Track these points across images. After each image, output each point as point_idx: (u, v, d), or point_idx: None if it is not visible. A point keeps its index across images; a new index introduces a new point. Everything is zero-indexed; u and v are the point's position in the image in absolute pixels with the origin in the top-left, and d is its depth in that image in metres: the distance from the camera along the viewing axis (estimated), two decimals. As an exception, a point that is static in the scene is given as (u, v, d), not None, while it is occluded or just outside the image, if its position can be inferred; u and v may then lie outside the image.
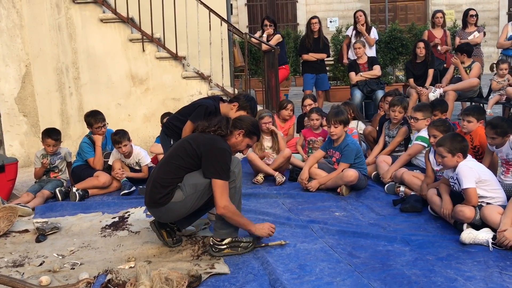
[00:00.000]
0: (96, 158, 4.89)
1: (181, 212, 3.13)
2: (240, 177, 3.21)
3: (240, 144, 3.32)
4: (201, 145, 3.09)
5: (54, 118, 6.17)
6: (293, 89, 13.38)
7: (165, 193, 3.04)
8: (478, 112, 4.35)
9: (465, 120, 4.29)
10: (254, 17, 18.60)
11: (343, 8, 18.71)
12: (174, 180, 3.07)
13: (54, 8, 5.99)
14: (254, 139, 3.38)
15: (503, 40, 6.87)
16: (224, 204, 2.98)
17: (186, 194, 3.05)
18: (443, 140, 3.53)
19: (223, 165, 3.03)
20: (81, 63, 6.13)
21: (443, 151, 3.47)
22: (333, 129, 4.45)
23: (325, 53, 7.76)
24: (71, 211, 4.28)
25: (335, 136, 4.49)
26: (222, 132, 3.20)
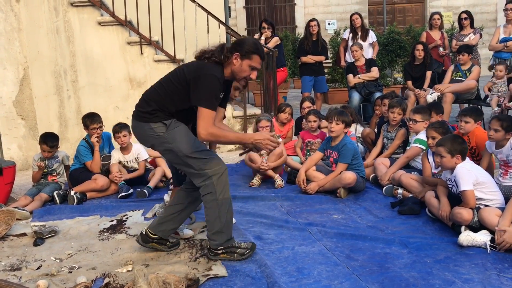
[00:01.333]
0: (94, 161, 4.89)
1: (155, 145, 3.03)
2: (223, 186, 2.96)
3: (241, 69, 2.96)
4: (192, 71, 2.93)
5: (52, 121, 6.16)
6: (292, 91, 13.39)
7: (148, 109, 2.97)
8: (475, 113, 4.37)
9: (462, 121, 4.31)
10: (253, 19, 18.61)
11: (341, 10, 18.73)
12: (159, 99, 2.96)
13: (52, 11, 5.99)
14: (255, 59, 2.96)
15: (495, 43, 6.89)
16: (204, 129, 2.82)
17: (166, 135, 2.94)
18: (444, 141, 3.54)
19: (208, 92, 2.85)
20: (79, 66, 6.13)
21: (442, 151, 3.48)
22: (334, 125, 4.46)
23: (323, 55, 7.77)
24: (69, 214, 4.27)
25: (334, 133, 4.49)
26: (216, 58, 2.95)
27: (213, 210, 2.97)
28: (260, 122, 5.06)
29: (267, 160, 4.91)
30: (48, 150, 4.75)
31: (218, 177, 2.94)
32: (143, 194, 4.62)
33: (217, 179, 2.94)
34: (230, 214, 3.04)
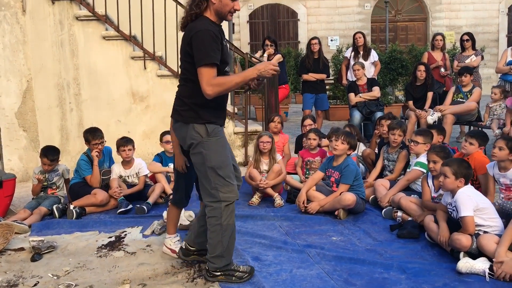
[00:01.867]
0: (93, 175, 4.89)
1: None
2: (229, 213, 2.95)
3: (222, 4, 2.85)
4: (185, 40, 2.87)
5: (53, 133, 6.18)
6: (293, 106, 13.44)
7: (185, 108, 2.94)
8: (482, 138, 4.41)
9: (467, 141, 4.34)
10: (256, 34, 18.76)
11: (344, 27, 18.88)
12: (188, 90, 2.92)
13: (57, 24, 6.04)
14: None
15: (502, 65, 6.92)
16: (207, 85, 2.76)
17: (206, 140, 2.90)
18: (451, 162, 3.57)
19: (201, 49, 2.75)
20: (83, 79, 6.17)
21: (448, 171, 3.48)
22: (339, 144, 4.47)
23: (324, 73, 7.82)
24: (68, 229, 4.27)
25: (337, 151, 4.49)
26: (194, 12, 2.87)
27: (216, 234, 2.96)
28: (261, 137, 5.09)
29: (266, 178, 4.92)
30: (48, 164, 4.77)
31: (226, 204, 2.94)
32: (142, 210, 4.62)
33: (226, 206, 2.93)
34: (233, 240, 3.04)
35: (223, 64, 2.90)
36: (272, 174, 4.88)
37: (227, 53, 2.99)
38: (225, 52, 2.91)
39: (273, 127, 5.82)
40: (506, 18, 19.41)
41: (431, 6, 19.24)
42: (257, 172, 4.94)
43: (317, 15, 18.83)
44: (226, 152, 2.99)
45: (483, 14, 19.28)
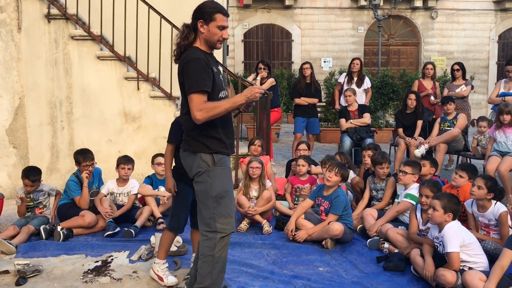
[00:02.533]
0: (82, 197, 4.87)
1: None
2: (223, 246, 2.93)
3: (210, 33, 2.89)
4: (179, 72, 2.93)
5: (44, 151, 6.17)
6: (285, 127, 13.50)
7: (190, 138, 2.97)
8: (472, 171, 4.54)
9: (457, 174, 4.44)
10: (250, 53, 18.91)
11: (337, 49, 19.09)
12: (191, 121, 2.88)
13: (52, 43, 6.08)
14: (219, 17, 2.87)
15: (494, 96, 7.03)
16: (196, 111, 2.79)
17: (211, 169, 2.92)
18: (441, 196, 3.63)
19: (191, 78, 2.81)
20: (75, 98, 6.18)
21: (437, 204, 3.53)
22: (332, 176, 4.50)
23: (316, 97, 7.88)
24: (54, 251, 4.24)
25: (330, 183, 4.52)
26: (184, 43, 2.93)
27: (207, 265, 2.94)
28: (251, 163, 5.11)
29: (255, 205, 4.93)
30: (30, 185, 4.74)
31: (222, 236, 2.92)
32: (130, 234, 4.60)
33: (221, 238, 2.92)
34: (223, 273, 3.02)
35: (215, 92, 2.91)
36: (261, 201, 4.89)
37: (221, 81, 3.00)
38: (217, 81, 2.93)
39: (253, 150, 5.83)
40: (496, 45, 19.75)
41: (424, 32, 19.54)
42: (246, 199, 4.95)
43: (311, 37, 19.03)
44: (230, 183, 3.02)
45: (474, 41, 19.60)
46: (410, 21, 19.65)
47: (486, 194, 3.93)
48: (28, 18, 6.00)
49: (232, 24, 18.15)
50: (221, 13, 2.88)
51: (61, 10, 6.04)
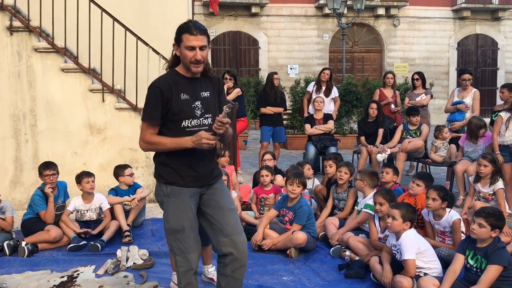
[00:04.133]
0: (47, 211, 4.85)
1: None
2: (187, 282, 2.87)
3: (183, 56, 2.74)
4: None
5: (7, 164, 6.09)
6: (252, 133, 13.65)
7: (155, 165, 2.96)
8: (427, 179, 4.78)
9: (414, 183, 4.67)
10: (218, 60, 19.01)
11: (303, 56, 19.41)
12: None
13: (15, 55, 6.02)
14: (185, 38, 2.69)
15: (449, 105, 7.31)
16: (140, 140, 2.83)
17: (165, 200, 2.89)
18: (400, 206, 3.81)
19: (144, 104, 2.80)
20: (39, 110, 6.13)
21: (397, 213, 3.71)
22: (295, 188, 4.64)
23: (282, 107, 8.06)
24: (19, 268, 4.21)
25: (295, 195, 4.66)
26: (167, 66, 2.95)
27: None
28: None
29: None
30: None
31: (185, 272, 2.86)
32: (96, 248, 4.61)
33: (182, 273, 2.87)
34: None
35: (177, 121, 2.79)
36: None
37: (191, 109, 2.80)
38: (183, 108, 2.78)
39: (223, 161, 5.92)
40: (455, 52, 20.47)
41: (386, 39, 20.08)
42: None
43: (277, 44, 19.29)
44: (186, 218, 2.83)
45: (435, 48, 20.27)
46: (374, 28, 20.16)
47: (440, 204, 4.15)
48: (-10, 31, 5.93)
49: (199, 32, 18.17)
50: (188, 32, 2.70)
51: (23, 23, 5.99)
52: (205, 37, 2.73)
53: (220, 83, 2.98)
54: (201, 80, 2.86)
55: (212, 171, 2.96)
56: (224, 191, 3.03)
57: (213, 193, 2.96)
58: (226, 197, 3.03)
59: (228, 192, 3.08)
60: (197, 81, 2.85)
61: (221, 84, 2.98)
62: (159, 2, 7.60)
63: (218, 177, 3.02)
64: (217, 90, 2.94)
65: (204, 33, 2.72)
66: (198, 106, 2.82)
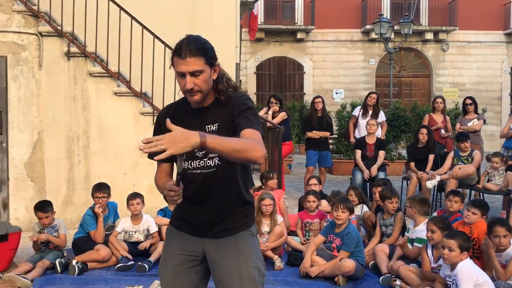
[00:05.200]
0: (97, 231, 4.97)
1: None
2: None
3: (178, 81, 2.21)
4: None
5: (60, 184, 6.30)
6: (297, 158, 13.57)
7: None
8: (484, 208, 4.60)
9: (470, 211, 4.46)
10: (263, 85, 19.19)
11: (349, 81, 19.30)
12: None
13: (71, 79, 6.29)
14: (174, 61, 2.19)
15: (506, 131, 7.04)
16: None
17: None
18: (456, 235, 3.68)
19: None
20: (92, 132, 6.35)
21: (453, 244, 3.56)
22: (340, 214, 4.56)
23: (328, 131, 7.99)
24: (69, 285, 4.31)
25: (341, 221, 4.58)
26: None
27: None
28: (263, 200, 5.16)
29: (267, 240, 4.97)
30: (44, 216, 4.84)
31: None
32: (143, 268, 4.66)
33: None
34: None
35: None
36: (273, 236, 4.93)
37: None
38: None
39: (270, 184, 5.89)
40: (509, 77, 19.80)
41: (435, 64, 19.70)
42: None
43: (322, 69, 19.29)
44: (164, 262, 2.38)
45: (486, 72, 19.69)
46: (422, 53, 19.85)
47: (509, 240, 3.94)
48: (49, 56, 6.23)
49: (245, 57, 18.49)
50: (176, 55, 2.18)
51: (80, 49, 6.26)
52: (198, 58, 2.14)
53: (238, 104, 2.23)
54: (211, 109, 2.28)
55: (220, 223, 2.26)
56: (242, 253, 2.24)
57: (220, 253, 2.26)
58: (242, 262, 2.23)
59: (249, 253, 2.26)
60: (204, 112, 2.28)
61: (239, 106, 2.22)
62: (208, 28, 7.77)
63: (235, 230, 2.28)
64: (232, 116, 2.22)
65: (196, 54, 2.13)
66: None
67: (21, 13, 6.10)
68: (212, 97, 2.28)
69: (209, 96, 2.27)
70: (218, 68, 2.27)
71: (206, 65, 2.17)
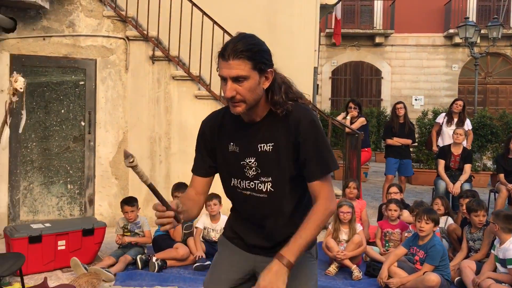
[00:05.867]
0: (176, 230, 5.06)
1: None
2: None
3: (221, 87, 1.95)
4: None
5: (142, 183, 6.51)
6: (373, 166, 13.19)
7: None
8: None
9: None
10: (338, 90, 18.90)
11: (429, 87, 18.52)
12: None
13: (155, 82, 6.51)
14: (219, 62, 1.90)
15: None
16: None
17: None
18: None
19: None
20: (173, 134, 6.52)
21: None
22: (424, 225, 4.34)
23: (410, 138, 7.67)
24: (149, 281, 4.42)
25: (424, 233, 4.36)
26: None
27: None
28: (341, 207, 5.02)
29: (345, 248, 4.83)
30: (130, 210, 5.03)
31: None
32: (220, 269, 4.69)
33: None
34: None
35: (226, 178, 2.11)
36: (351, 245, 4.79)
37: (240, 166, 2.02)
38: (228, 160, 2.06)
39: (348, 193, 5.75)
40: None
41: (526, 69, 18.41)
42: (334, 242, 4.87)
43: (401, 74, 18.67)
44: (213, 270, 2.23)
45: None
46: (511, 58, 18.62)
47: None
48: (135, 60, 6.49)
49: (321, 62, 18.31)
50: (220, 56, 1.89)
51: (164, 53, 6.47)
52: (243, 62, 1.82)
53: (303, 129, 1.89)
54: (264, 124, 1.96)
55: (273, 246, 2.03)
56: (298, 277, 2.02)
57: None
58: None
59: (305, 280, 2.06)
60: (256, 127, 1.97)
61: (305, 131, 1.89)
62: (287, 32, 7.77)
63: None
64: (293, 140, 1.91)
65: (242, 56, 1.81)
66: (251, 165, 2.00)
67: (111, 18, 6.40)
68: (266, 110, 1.95)
69: (262, 108, 1.94)
70: (272, 76, 1.91)
71: (253, 70, 1.84)
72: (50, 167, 6.20)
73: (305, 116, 1.91)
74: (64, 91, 6.26)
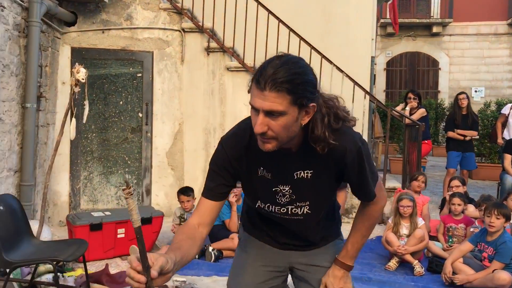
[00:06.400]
0: (231, 220, 5.06)
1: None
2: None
3: (251, 116, 1.68)
4: None
5: (197, 173, 6.57)
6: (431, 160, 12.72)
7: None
8: None
9: None
10: (392, 82, 18.36)
11: (491, 78, 17.64)
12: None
13: (210, 74, 6.51)
14: (252, 87, 1.65)
15: None
16: None
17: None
18: None
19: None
20: (227, 125, 6.51)
21: None
22: (494, 220, 4.09)
23: (474, 130, 7.32)
24: (206, 271, 4.43)
25: (494, 228, 4.12)
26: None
27: None
28: (402, 201, 4.83)
29: (406, 243, 4.64)
30: (186, 200, 5.09)
31: None
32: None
33: None
34: None
35: (251, 200, 1.94)
36: (413, 239, 4.59)
37: (272, 192, 1.83)
38: (254, 185, 1.84)
39: (416, 186, 5.54)
40: None
41: None
42: (395, 236, 4.69)
43: (460, 65, 17.88)
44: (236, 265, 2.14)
45: None
46: None
47: None
48: (190, 51, 6.52)
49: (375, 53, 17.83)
50: (254, 81, 1.64)
51: (219, 44, 6.46)
52: (281, 94, 1.52)
53: (347, 160, 1.71)
54: (302, 151, 1.73)
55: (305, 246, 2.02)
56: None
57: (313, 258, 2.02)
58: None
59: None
60: (291, 156, 1.75)
61: (350, 161, 1.71)
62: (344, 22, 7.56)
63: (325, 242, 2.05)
64: (337, 169, 1.76)
65: (281, 88, 1.52)
66: (285, 193, 1.80)
67: (167, 11, 6.45)
68: (301, 139, 1.70)
69: (298, 138, 1.69)
70: (314, 110, 1.61)
71: (292, 105, 1.54)
72: (109, 157, 6.36)
73: (350, 148, 1.69)
74: (122, 83, 6.38)
